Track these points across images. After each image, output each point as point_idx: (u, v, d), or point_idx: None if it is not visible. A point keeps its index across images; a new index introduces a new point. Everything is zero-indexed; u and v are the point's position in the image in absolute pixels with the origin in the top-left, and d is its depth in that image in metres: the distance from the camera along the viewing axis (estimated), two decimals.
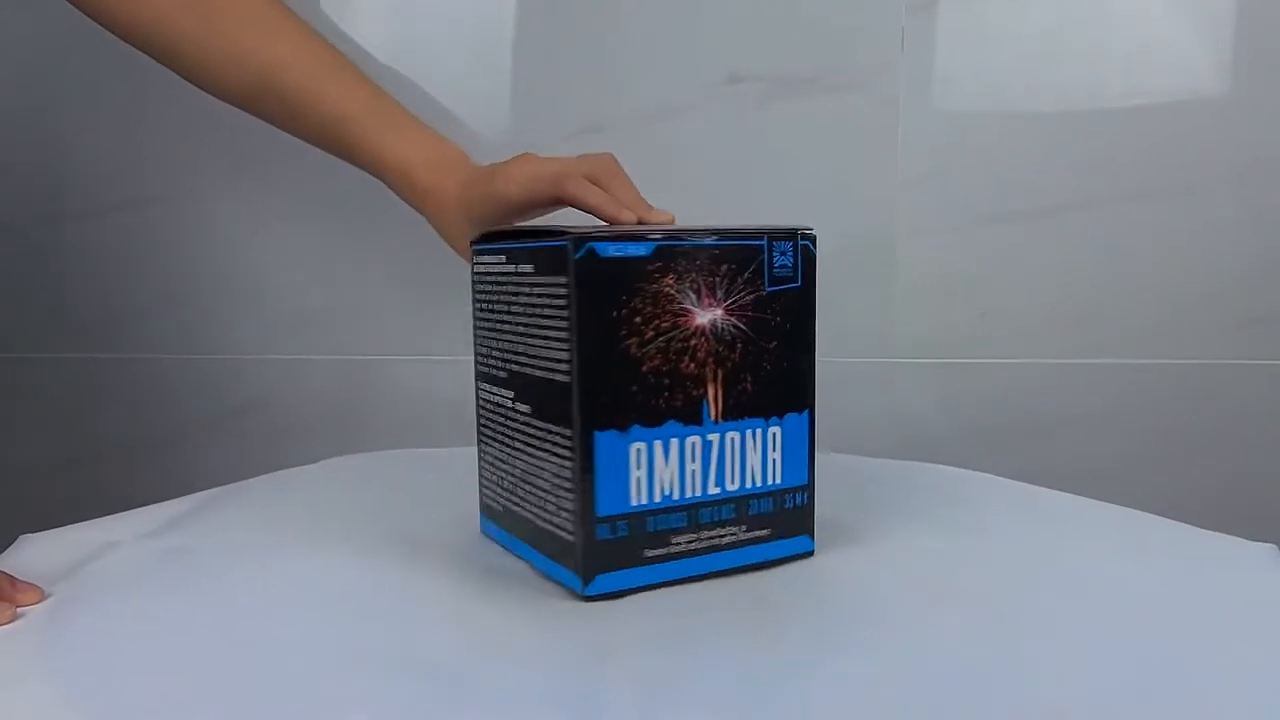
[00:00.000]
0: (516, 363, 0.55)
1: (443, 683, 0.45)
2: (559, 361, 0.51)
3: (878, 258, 0.90)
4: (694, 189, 0.89)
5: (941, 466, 0.76)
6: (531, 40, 0.88)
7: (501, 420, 0.58)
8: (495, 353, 0.57)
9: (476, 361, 0.60)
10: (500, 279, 0.56)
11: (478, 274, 0.59)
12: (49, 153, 0.90)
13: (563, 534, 0.53)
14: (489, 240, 0.58)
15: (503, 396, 0.57)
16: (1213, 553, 0.60)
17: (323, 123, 0.69)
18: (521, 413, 0.55)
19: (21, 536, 0.62)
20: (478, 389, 0.60)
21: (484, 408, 0.60)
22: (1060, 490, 0.71)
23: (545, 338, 0.52)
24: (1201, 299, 0.90)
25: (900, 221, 0.90)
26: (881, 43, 0.87)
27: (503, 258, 0.56)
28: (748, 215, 0.62)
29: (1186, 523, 0.64)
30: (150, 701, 0.45)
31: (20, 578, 0.53)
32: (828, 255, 0.90)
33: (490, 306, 0.58)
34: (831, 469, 0.75)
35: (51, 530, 0.63)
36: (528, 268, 0.53)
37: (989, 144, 0.89)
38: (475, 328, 0.59)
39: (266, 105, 0.70)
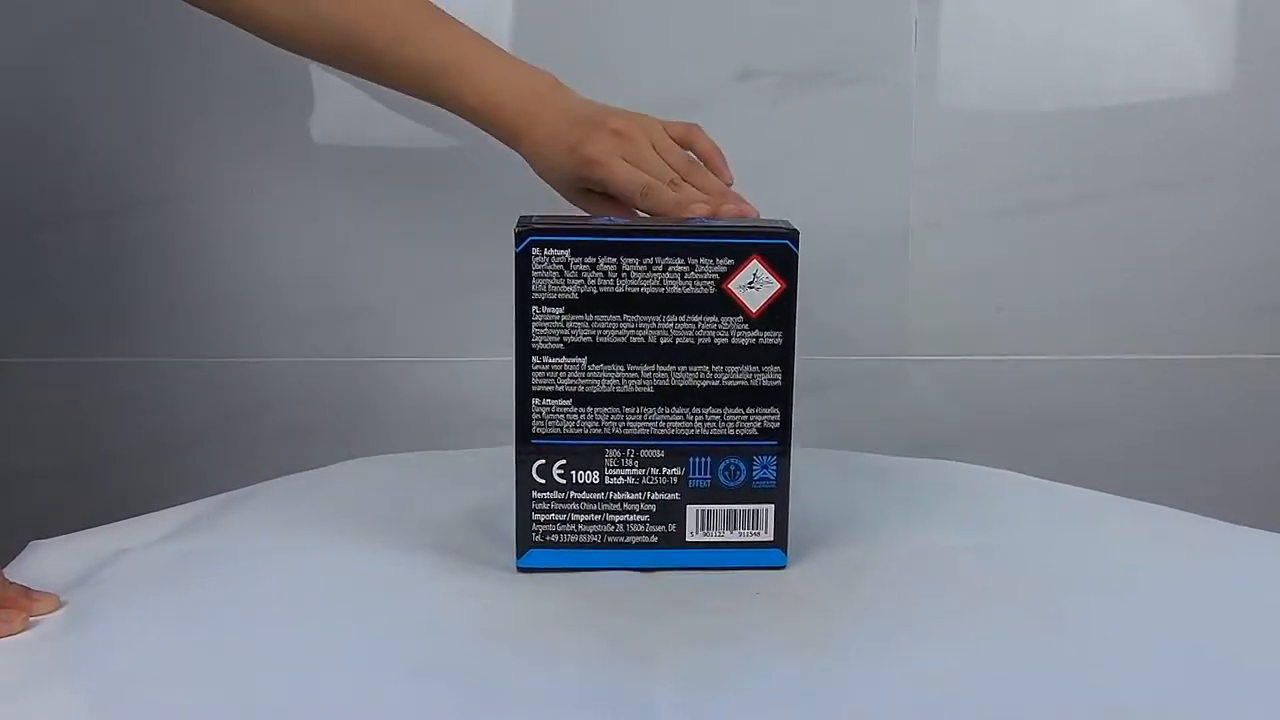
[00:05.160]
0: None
1: (475, 686, 0.45)
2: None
3: (891, 252, 0.90)
4: None
5: (959, 463, 0.76)
6: (536, 34, 0.87)
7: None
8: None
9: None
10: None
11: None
12: (54, 154, 0.89)
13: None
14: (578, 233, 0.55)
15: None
16: (1240, 546, 0.60)
17: (408, 77, 0.70)
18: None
19: (32, 543, 0.61)
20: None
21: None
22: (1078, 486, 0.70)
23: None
24: (1217, 291, 0.90)
25: (914, 216, 0.89)
26: (894, 36, 0.87)
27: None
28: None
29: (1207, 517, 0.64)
30: (172, 708, 0.44)
31: (34, 586, 0.52)
32: (841, 250, 0.91)
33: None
34: (849, 466, 0.75)
35: (62, 536, 0.62)
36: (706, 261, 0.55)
37: (1002, 137, 0.88)
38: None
39: (351, 61, 0.72)
